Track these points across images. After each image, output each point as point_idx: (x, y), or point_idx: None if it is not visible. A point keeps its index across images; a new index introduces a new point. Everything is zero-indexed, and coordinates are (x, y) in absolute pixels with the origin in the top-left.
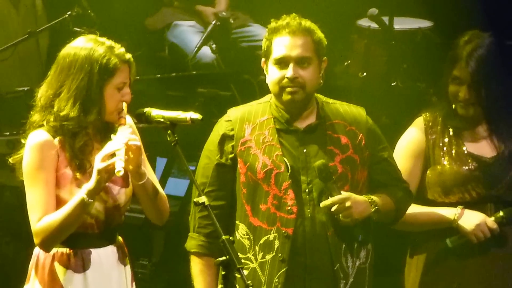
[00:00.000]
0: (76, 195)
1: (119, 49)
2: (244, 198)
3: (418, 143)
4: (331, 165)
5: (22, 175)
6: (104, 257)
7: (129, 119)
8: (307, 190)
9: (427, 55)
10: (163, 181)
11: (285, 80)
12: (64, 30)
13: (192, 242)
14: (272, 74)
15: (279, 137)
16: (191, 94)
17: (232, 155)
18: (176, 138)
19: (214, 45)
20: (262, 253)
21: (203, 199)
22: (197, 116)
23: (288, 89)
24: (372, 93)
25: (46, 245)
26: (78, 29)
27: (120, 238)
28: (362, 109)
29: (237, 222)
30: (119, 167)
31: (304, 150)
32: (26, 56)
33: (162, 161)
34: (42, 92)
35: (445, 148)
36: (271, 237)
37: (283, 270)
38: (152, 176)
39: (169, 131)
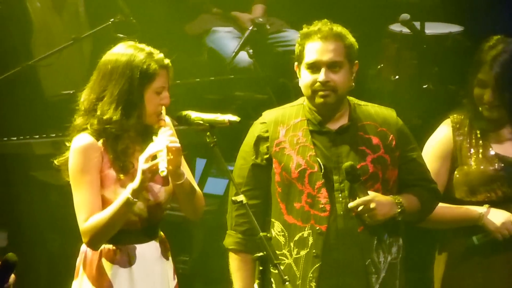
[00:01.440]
0: (121, 195)
1: (158, 54)
2: (279, 196)
3: (446, 144)
4: (362, 164)
5: (68, 176)
6: (148, 252)
7: (168, 120)
8: (339, 189)
9: (457, 58)
10: (202, 181)
11: (317, 84)
12: (107, 36)
13: (230, 239)
14: (305, 78)
15: (312, 138)
16: (229, 97)
17: (267, 155)
18: (215, 140)
19: (251, 50)
20: (296, 249)
21: (241, 197)
22: (235, 118)
23: (320, 93)
24: (404, 95)
25: (94, 243)
26: (120, 35)
27: (162, 233)
28: (392, 110)
29: (272, 219)
30: (162, 168)
31: (337, 151)
32: (70, 61)
33: (201, 162)
34: (85, 97)
35: (472, 150)
36: (305, 233)
37: (317, 266)
38: (189, 175)
39: (208, 133)
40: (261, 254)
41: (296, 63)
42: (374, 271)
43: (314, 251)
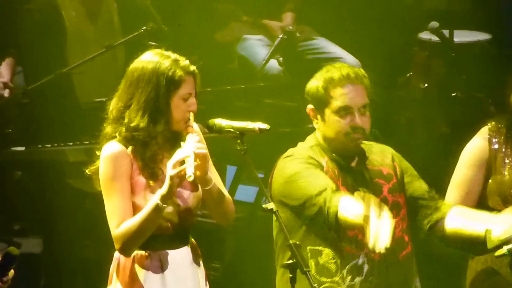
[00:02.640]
0: (150, 201)
1: (184, 61)
2: None
3: (481, 152)
4: (381, 197)
5: (99, 185)
6: (180, 257)
7: (196, 127)
8: None
9: (485, 66)
10: (233, 188)
11: (349, 127)
12: (139, 44)
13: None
14: (335, 123)
15: (340, 174)
16: (259, 105)
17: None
18: (245, 147)
19: (281, 58)
20: (350, 276)
21: (271, 205)
22: (265, 126)
23: (354, 137)
24: (433, 103)
25: (126, 249)
26: (152, 43)
27: (193, 240)
28: (388, 147)
29: (319, 248)
30: (190, 173)
31: (361, 186)
32: (104, 68)
33: (232, 169)
34: (113, 105)
35: (506, 159)
36: (360, 261)
37: (291, 262)
38: (218, 181)
39: (238, 141)
40: (291, 261)
41: (312, 106)
42: None
43: (370, 278)
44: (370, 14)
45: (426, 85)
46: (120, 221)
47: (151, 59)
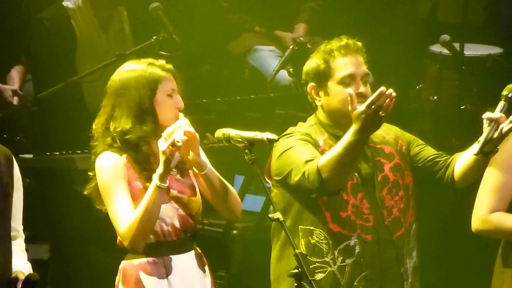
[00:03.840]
0: (150, 185)
1: (159, 62)
2: (323, 205)
3: None
4: (382, 175)
5: (100, 203)
6: (185, 263)
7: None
8: (377, 199)
9: (496, 80)
10: (240, 198)
11: (356, 94)
12: (151, 53)
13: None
14: (339, 93)
15: None
16: (269, 115)
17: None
18: (254, 157)
19: (291, 69)
20: (341, 257)
21: (277, 215)
22: (273, 136)
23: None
24: (443, 115)
25: (136, 243)
26: (163, 52)
27: (197, 248)
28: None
29: (311, 227)
30: (179, 138)
31: (363, 163)
32: None
33: (239, 179)
34: (97, 122)
35: None
36: (352, 242)
37: (364, 274)
38: (217, 173)
39: (247, 151)
40: (296, 270)
41: (313, 84)
42: (405, 277)
43: (362, 259)
44: (382, 26)
45: (436, 97)
46: (126, 220)
47: (127, 67)
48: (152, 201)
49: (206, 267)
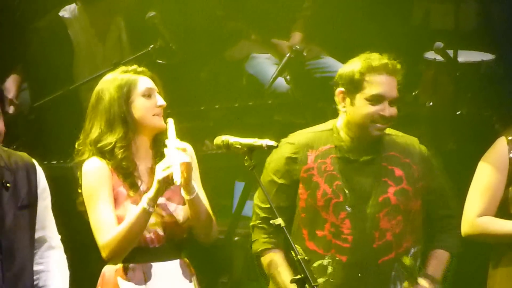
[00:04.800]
0: (138, 206)
1: (132, 67)
2: (302, 222)
3: (501, 160)
4: (384, 197)
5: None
6: (168, 271)
7: (188, 146)
8: (361, 220)
9: (491, 85)
10: (241, 204)
11: (378, 116)
12: (148, 62)
13: (257, 244)
14: (364, 109)
15: (339, 167)
16: (267, 122)
17: (296, 177)
18: (253, 163)
19: (288, 76)
20: (315, 276)
21: (279, 221)
22: (272, 143)
23: (380, 126)
24: (439, 121)
25: (114, 257)
26: (160, 61)
27: (186, 258)
28: (415, 139)
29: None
30: (177, 178)
31: (361, 181)
32: None
33: (240, 185)
34: (80, 137)
35: None
36: (325, 262)
37: (299, 277)
38: (204, 198)
39: (246, 157)
40: (299, 276)
41: (342, 89)
42: None
43: (332, 280)
44: (377, 34)
45: (432, 103)
46: (107, 231)
47: (104, 79)
48: (137, 222)
49: (194, 278)
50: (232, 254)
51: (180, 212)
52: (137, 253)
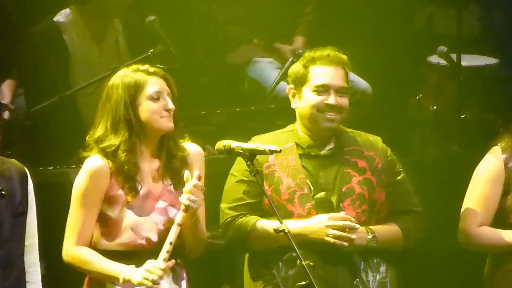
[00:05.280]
0: (119, 268)
1: (144, 66)
2: (268, 216)
3: (497, 169)
4: (348, 186)
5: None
6: None
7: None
8: (328, 210)
9: (494, 88)
10: None
11: (324, 105)
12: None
13: (244, 225)
14: (311, 99)
15: (302, 162)
16: (269, 126)
17: (259, 175)
18: (256, 168)
19: None
20: (285, 268)
21: (283, 227)
22: (275, 148)
23: (328, 116)
24: (443, 124)
25: (68, 265)
26: (160, 66)
27: (179, 261)
28: (379, 138)
29: None
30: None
31: (325, 173)
32: None
33: None
34: (93, 125)
35: None
36: (294, 253)
37: (304, 283)
38: (203, 211)
39: (248, 162)
40: (304, 283)
41: (292, 86)
42: None
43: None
44: (380, 38)
45: (435, 107)
46: (78, 239)
47: (116, 75)
48: (104, 276)
49: (184, 282)
50: (234, 260)
51: (179, 218)
52: (124, 256)
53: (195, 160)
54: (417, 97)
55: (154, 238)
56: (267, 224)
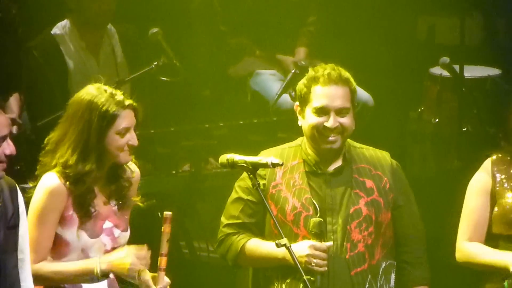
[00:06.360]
0: (89, 262)
1: (119, 96)
2: (275, 238)
3: (483, 182)
4: (356, 208)
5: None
6: None
7: (137, 169)
8: (332, 231)
9: (496, 101)
10: None
11: (323, 127)
12: (150, 79)
13: (234, 246)
14: (311, 120)
15: (308, 180)
16: (272, 139)
17: (264, 194)
18: (258, 182)
19: (293, 93)
20: None
21: (284, 241)
22: (277, 161)
23: (330, 138)
24: (445, 137)
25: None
26: (164, 78)
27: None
28: (387, 154)
29: None
30: None
31: (331, 192)
32: None
33: None
34: (51, 136)
35: (506, 185)
36: (298, 275)
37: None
38: None
39: (251, 175)
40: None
41: (297, 103)
42: None
43: None
44: (382, 49)
45: (437, 119)
46: (38, 256)
47: (88, 93)
48: (77, 277)
49: None
50: (236, 274)
51: (122, 239)
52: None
53: (135, 181)
54: (419, 110)
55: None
56: (257, 245)
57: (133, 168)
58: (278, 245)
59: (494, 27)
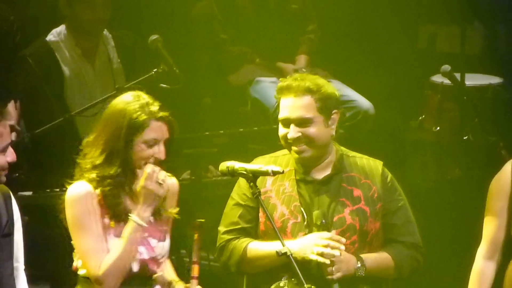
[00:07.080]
0: (127, 225)
1: (154, 106)
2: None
3: (504, 185)
4: (340, 216)
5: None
6: None
7: (174, 180)
8: None
9: (498, 109)
10: None
11: (287, 138)
12: (150, 87)
13: (237, 249)
14: (279, 131)
15: (298, 188)
16: (272, 147)
17: (260, 196)
18: (258, 190)
19: None
20: None
21: (285, 249)
22: (278, 169)
23: (294, 148)
24: (445, 146)
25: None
26: (163, 85)
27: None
28: (380, 162)
29: None
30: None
31: (319, 201)
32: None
33: None
34: (87, 138)
35: None
36: (282, 283)
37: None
38: None
39: (251, 183)
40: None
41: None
42: None
43: None
44: (383, 57)
45: (438, 128)
46: (101, 261)
47: (124, 99)
48: (130, 240)
49: None
50: (237, 282)
51: (159, 249)
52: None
53: (172, 194)
54: (420, 118)
55: (135, 268)
56: (259, 246)
57: (169, 182)
58: (279, 254)
59: (495, 35)
